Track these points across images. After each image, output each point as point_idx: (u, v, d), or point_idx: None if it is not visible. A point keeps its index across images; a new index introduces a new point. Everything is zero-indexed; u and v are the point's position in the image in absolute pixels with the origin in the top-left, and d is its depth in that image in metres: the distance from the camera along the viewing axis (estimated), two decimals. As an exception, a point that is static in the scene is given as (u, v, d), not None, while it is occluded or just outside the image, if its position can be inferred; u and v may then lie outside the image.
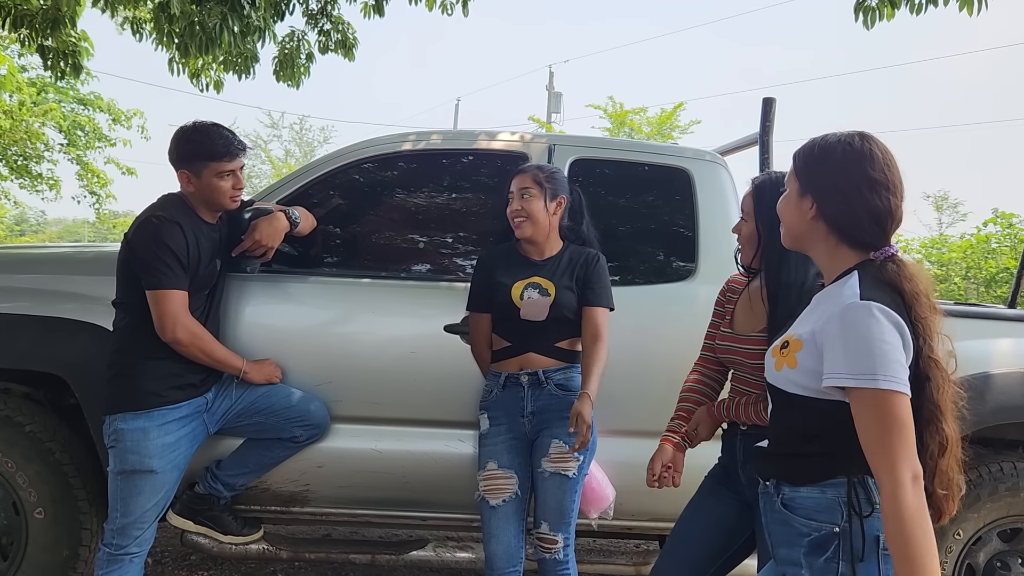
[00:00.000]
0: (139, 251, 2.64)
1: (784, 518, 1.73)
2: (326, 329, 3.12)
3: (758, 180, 2.38)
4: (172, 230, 2.63)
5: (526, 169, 2.88)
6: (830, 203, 1.69)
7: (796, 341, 1.69)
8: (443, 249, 3.32)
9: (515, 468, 2.77)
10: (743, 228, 2.37)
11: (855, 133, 1.72)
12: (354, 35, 7.31)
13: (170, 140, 2.77)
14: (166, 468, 2.68)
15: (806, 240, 1.77)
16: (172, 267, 2.61)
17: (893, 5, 5.31)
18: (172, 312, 2.62)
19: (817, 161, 1.72)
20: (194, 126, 2.77)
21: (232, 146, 2.74)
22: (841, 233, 1.71)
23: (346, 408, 3.05)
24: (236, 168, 2.76)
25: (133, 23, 7.26)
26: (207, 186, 2.73)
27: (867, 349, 1.53)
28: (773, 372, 1.75)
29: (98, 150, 15.86)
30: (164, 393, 2.68)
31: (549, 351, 2.82)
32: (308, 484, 3.06)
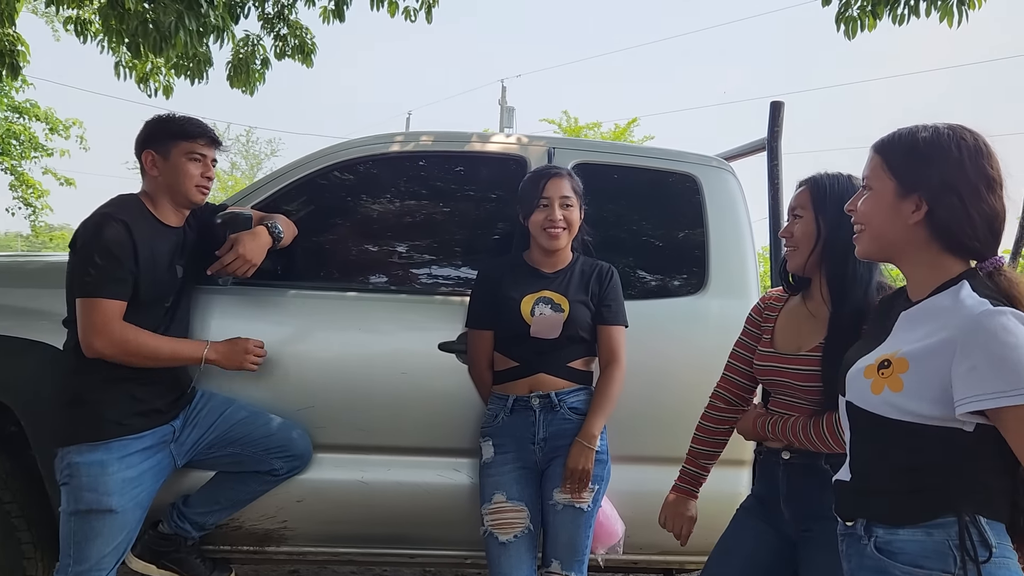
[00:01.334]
0: (76, 251, 2.35)
1: (880, 565, 1.49)
2: (308, 348, 2.82)
3: (812, 176, 2.17)
4: (116, 230, 2.32)
5: (561, 173, 2.64)
6: (943, 205, 1.47)
7: (901, 360, 1.46)
8: (437, 260, 3.05)
9: (525, 500, 2.51)
10: (796, 227, 2.14)
11: (956, 125, 1.51)
12: (312, 40, 7.05)
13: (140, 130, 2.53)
14: (127, 507, 2.36)
15: (899, 248, 1.55)
16: (109, 272, 2.30)
17: (875, 15, 5.27)
18: (99, 323, 2.29)
19: (925, 157, 1.50)
20: (170, 113, 2.55)
21: (208, 131, 2.53)
22: (948, 239, 1.49)
23: (329, 435, 2.76)
24: (208, 155, 2.52)
25: (77, 23, 6.86)
26: (174, 169, 2.47)
27: (1018, 360, 1.32)
28: (868, 396, 1.51)
29: (34, 160, 15.27)
30: (125, 421, 2.37)
31: (561, 372, 2.58)
32: (286, 520, 2.76)
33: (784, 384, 2.16)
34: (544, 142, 3.07)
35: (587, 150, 3.11)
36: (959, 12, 5.00)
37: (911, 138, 1.53)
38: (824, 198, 2.10)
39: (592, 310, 2.61)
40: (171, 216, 2.51)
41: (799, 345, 2.15)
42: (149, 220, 2.45)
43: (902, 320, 1.57)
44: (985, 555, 1.40)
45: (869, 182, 1.58)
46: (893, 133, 1.57)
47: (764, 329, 2.29)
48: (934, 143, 1.50)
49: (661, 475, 2.83)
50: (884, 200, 1.54)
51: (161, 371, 2.46)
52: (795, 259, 2.16)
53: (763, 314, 2.33)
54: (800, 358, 2.12)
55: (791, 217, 2.18)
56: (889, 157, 1.55)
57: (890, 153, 1.55)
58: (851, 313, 2.01)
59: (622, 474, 2.73)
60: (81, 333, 2.31)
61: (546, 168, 2.69)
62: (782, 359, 2.17)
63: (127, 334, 2.33)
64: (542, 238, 2.59)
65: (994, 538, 1.41)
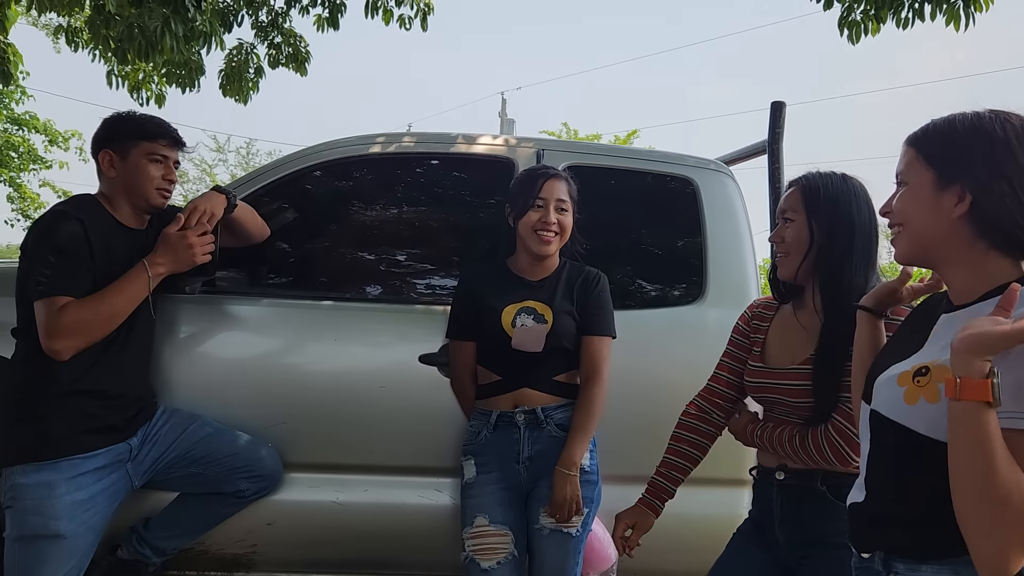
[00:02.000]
0: (28, 253, 2.20)
1: None
2: (280, 360, 2.67)
3: (804, 175, 2.01)
4: (70, 227, 2.18)
5: (558, 175, 2.49)
6: (989, 194, 1.29)
7: (942, 368, 1.27)
8: (418, 267, 2.89)
9: (509, 523, 2.34)
10: (788, 232, 1.98)
11: (997, 110, 1.34)
12: (307, 49, 6.96)
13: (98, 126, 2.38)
14: (77, 531, 2.19)
15: (941, 248, 1.37)
16: (63, 270, 2.15)
17: (879, 19, 5.13)
18: (57, 323, 2.13)
19: (965, 142, 1.33)
20: (130, 111, 2.42)
21: (170, 131, 2.39)
22: (996, 234, 1.30)
23: (302, 453, 2.61)
24: (171, 157, 2.38)
25: (68, 32, 6.78)
26: (133, 169, 2.32)
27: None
28: (899, 406, 1.33)
29: (33, 172, 15.25)
30: (75, 438, 2.20)
31: (547, 386, 2.42)
32: (255, 545, 2.60)
33: (777, 401, 2.00)
34: (533, 143, 2.92)
35: (578, 152, 2.96)
36: (966, 15, 4.87)
37: (948, 125, 1.36)
38: (817, 200, 1.94)
39: (576, 320, 2.44)
40: (130, 219, 2.37)
41: (791, 358, 1.99)
42: (105, 219, 2.31)
43: (943, 324, 1.38)
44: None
45: (904, 177, 1.41)
46: (927, 124, 1.40)
47: (754, 341, 2.13)
48: (975, 127, 1.33)
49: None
50: (922, 194, 1.36)
51: (122, 383, 2.30)
52: (786, 266, 1.99)
53: (751, 324, 2.17)
54: (792, 372, 1.96)
55: (781, 220, 2.02)
56: (925, 147, 1.38)
57: (926, 143, 1.38)
58: (844, 324, 1.84)
59: (616, 495, 2.54)
60: (42, 337, 2.14)
61: (543, 168, 2.53)
62: (773, 374, 2.01)
63: (75, 317, 2.14)
64: (532, 241, 2.43)
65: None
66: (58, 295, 2.14)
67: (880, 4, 5.07)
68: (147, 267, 2.27)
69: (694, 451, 2.22)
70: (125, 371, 2.30)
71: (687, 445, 2.22)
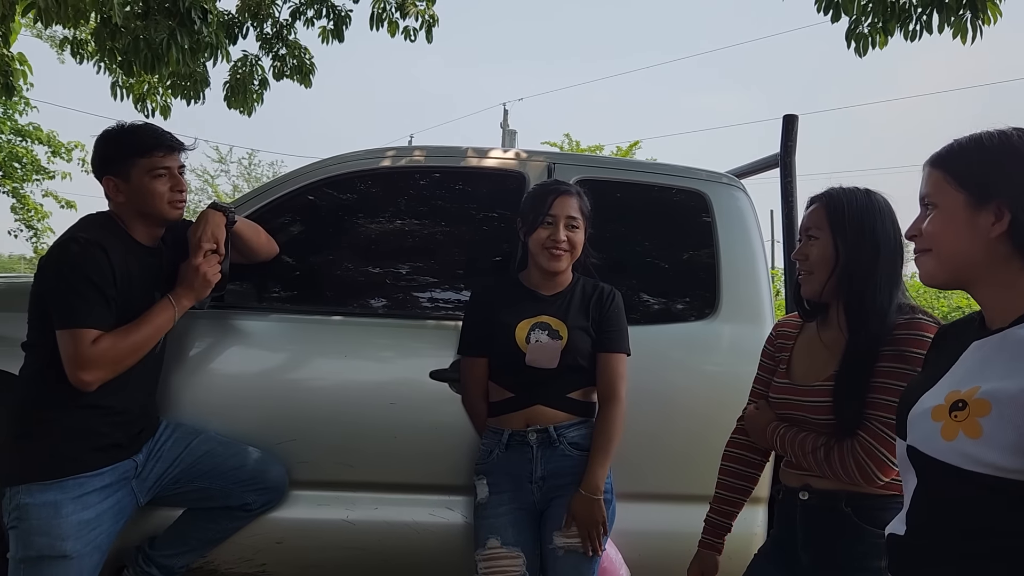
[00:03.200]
0: (52, 280, 2.14)
1: None
2: (290, 376, 2.63)
3: (827, 191, 1.98)
4: (94, 255, 2.13)
5: (571, 191, 2.46)
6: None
7: (980, 402, 1.23)
8: (430, 282, 2.86)
9: (522, 545, 2.30)
10: (812, 250, 1.94)
11: (1019, 127, 1.32)
12: (311, 60, 6.95)
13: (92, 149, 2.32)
14: (83, 551, 2.15)
15: (976, 269, 1.34)
16: (89, 300, 2.11)
17: (886, 32, 5.12)
18: (85, 355, 2.10)
19: (998, 162, 1.30)
20: (118, 126, 2.33)
21: (164, 138, 2.29)
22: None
23: (312, 471, 2.57)
24: (173, 166, 2.30)
25: (73, 44, 6.78)
26: (139, 191, 2.26)
27: None
28: (937, 442, 1.28)
29: (36, 183, 15.23)
30: (81, 457, 2.17)
31: (561, 403, 2.38)
32: (264, 564, 2.56)
33: (800, 419, 1.97)
34: (544, 157, 2.89)
35: (589, 166, 2.93)
36: (973, 28, 4.86)
37: (976, 144, 1.34)
38: (842, 217, 1.91)
39: (593, 337, 2.41)
40: (145, 235, 2.32)
41: (816, 375, 1.96)
42: (124, 241, 2.27)
43: (976, 351, 1.34)
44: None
45: (932, 199, 1.37)
46: (950, 144, 1.38)
47: (779, 359, 2.10)
48: (1005, 144, 1.31)
49: (668, 514, 2.67)
50: (956, 215, 1.33)
51: (128, 399, 2.27)
52: (811, 284, 1.96)
53: (776, 343, 2.14)
54: (816, 389, 1.93)
55: (805, 238, 1.99)
56: (953, 169, 1.35)
57: (953, 164, 1.35)
58: (868, 340, 1.83)
59: (626, 513, 2.51)
60: (68, 368, 2.11)
61: (554, 184, 2.50)
62: (797, 391, 1.98)
63: (106, 351, 2.12)
64: (542, 258, 2.40)
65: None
66: (88, 327, 2.11)
67: (888, 17, 5.05)
68: (173, 302, 2.27)
69: (743, 483, 2.17)
70: (131, 387, 2.26)
71: (735, 478, 2.17)
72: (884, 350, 1.83)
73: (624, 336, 2.46)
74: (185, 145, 2.36)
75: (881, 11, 5.05)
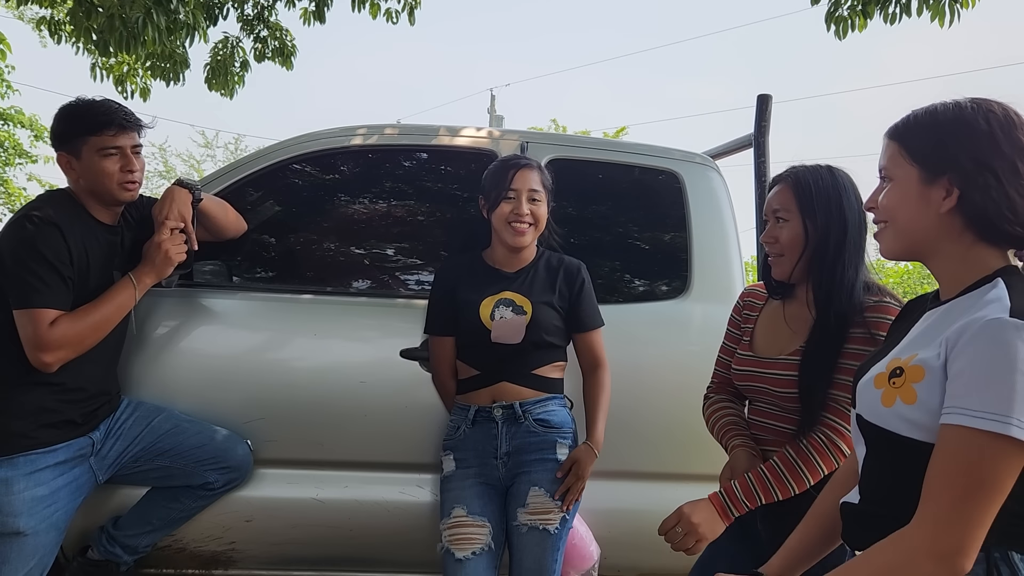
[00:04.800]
0: (7, 260, 2.11)
1: None
2: (258, 355, 2.61)
3: (792, 171, 1.97)
4: (49, 233, 2.10)
5: (531, 164, 2.44)
6: (977, 187, 1.26)
7: (915, 368, 1.25)
8: (400, 261, 2.84)
9: (488, 516, 2.30)
10: (782, 232, 1.94)
11: (979, 99, 1.31)
12: (292, 43, 6.92)
13: None
14: (38, 528, 2.14)
15: (929, 242, 1.34)
16: (46, 280, 2.09)
17: (866, 15, 5.13)
18: (44, 336, 2.08)
19: (949, 134, 1.30)
20: (75, 100, 2.27)
21: (116, 115, 2.23)
22: (984, 228, 1.28)
23: (282, 450, 2.56)
24: (125, 145, 2.24)
25: (51, 24, 6.70)
26: (89, 169, 2.22)
27: (1007, 383, 1.11)
28: (878, 409, 1.30)
29: (19, 167, 15.12)
30: (33, 433, 2.15)
31: (526, 380, 2.38)
32: (234, 542, 2.55)
33: (762, 391, 1.99)
34: (517, 136, 2.88)
35: (563, 145, 2.92)
36: (951, 11, 4.88)
37: (930, 117, 1.33)
38: (811, 198, 1.91)
39: (560, 312, 2.41)
40: (103, 213, 2.29)
41: (779, 349, 1.98)
42: (81, 217, 2.24)
43: (923, 321, 1.36)
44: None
45: (888, 172, 1.38)
46: (908, 116, 1.37)
47: (744, 330, 2.11)
48: (958, 118, 1.30)
49: (641, 492, 2.67)
50: (909, 189, 1.34)
51: (85, 376, 2.24)
52: (782, 267, 1.96)
53: (743, 313, 2.16)
54: (779, 362, 1.94)
55: (773, 220, 1.98)
56: (908, 141, 1.35)
57: (908, 137, 1.35)
58: (836, 318, 1.85)
59: (598, 491, 2.52)
60: (27, 349, 2.09)
61: (514, 158, 2.48)
62: (760, 363, 1.99)
63: (67, 331, 2.11)
64: (506, 233, 2.39)
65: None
66: (47, 308, 2.09)
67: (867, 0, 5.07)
68: (134, 281, 2.25)
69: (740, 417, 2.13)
70: (86, 365, 2.23)
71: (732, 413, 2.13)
72: (853, 332, 1.85)
73: (597, 311, 2.48)
74: (141, 123, 2.30)
75: (861, -7, 5.07)
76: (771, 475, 1.89)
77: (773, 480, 1.88)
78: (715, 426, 2.14)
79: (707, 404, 2.20)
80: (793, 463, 1.87)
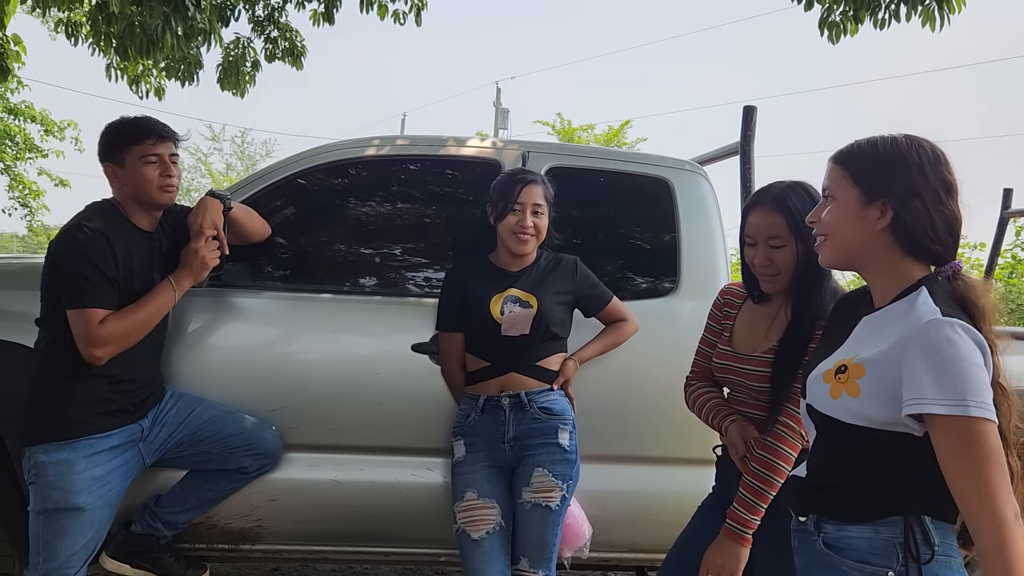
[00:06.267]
0: (60, 265, 2.36)
1: (828, 560, 1.54)
2: (282, 349, 2.85)
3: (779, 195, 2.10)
4: (96, 241, 2.35)
5: (536, 180, 2.66)
6: (907, 209, 1.50)
7: (857, 366, 1.50)
8: (410, 262, 3.07)
9: (496, 497, 2.55)
10: (778, 255, 2.08)
11: (912, 135, 1.56)
12: (302, 43, 7.09)
13: None
14: (95, 505, 2.38)
15: (864, 255, 1.58)
16: (95, 283, 2.33)
17: (857, 20, 5.31)
18: (94, 334, 2.32)
19: (887, 164, 1.54)
20: (120, 118, 2.53)
21: (155, 127, 2.49)
22: (911, 245, 1.53)
23: (303, 435, 2.79)
24: (163, 153, 2.49)
25: (68, 26, 6.89)
26: (132, 176, 2.46)
27: (955, 371, 1.35)
28: (826, 400, 1.55)
29: (29, 161, 15.28)
30: (91, 420, 2.39)
31: (532, 371, 2.62)
32: (260, 519, 2.79)
33: (739, 384, 2.21)
34: (518, 146, 3.10)
35: (561, 154, 3.14)
36: (940, 16, 5.05)
37: (871, 148, 1.57)
38: (800, 224, 2.02)
39: (563, 304, 2.66)
40: (144, 220, 2.53)
41: (755, 346, 2.19)
42: (125, 226, 2.47)
43: (863, 325, 1.60)
44: (928, 554, 1.45)
45: (831, 192, 1.60)
46: (851, 144, 1.61)
47: (724, 326, 2.32)
48: (894, 151, 1.54)
49: (631, 474, 2.90)
50: (849, 209, 1.56)
51: (135, 369, 2.48)
52: (777, 283, 2.13)
53: (723, 310, 2.36)
54: (755, 359, 2.16)
55: (766, 246, 2.10)
56: (850, 167, 1.58)
57: (851, 163, 1.58)
58: (809, 320, 2.06)
59: (592, 474, 2.75)
60: (80, 345, 2.33)
61: (521, 172, 2.71)
62: (738, 359, 2.21)
63: (114, 329, 2.35)
64: (511, 242, 2.62)
65: (937, 538, 1.46)
66: (96, 308, 2.32)
67: (858, 6, 5.24)
68: (173, 284, 2.48)
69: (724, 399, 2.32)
70: (135, 359, 2.47)
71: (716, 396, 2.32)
72: (816, 333, 2.05)
73: (602, 288, 2.76)
74: (178, 135, 2.55)
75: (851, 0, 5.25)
76: (757, 480, 2.09)
77: (760, 483, 2.09)
78: (703, 409, 2.32)
79: (691, 390, 2.40)
80: (767, 460, 2.08)
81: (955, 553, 1.50)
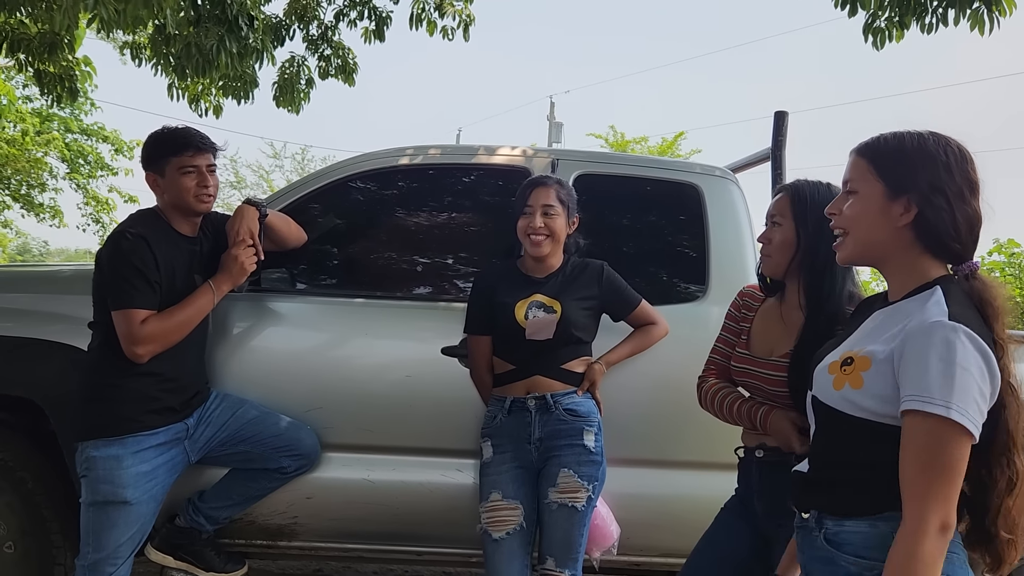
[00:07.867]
0: (105, 269, 2.51)
1: (828, 556, 1.54)
2: (318, 352, 2.96)
3: (793, 183, 2.21)
4: (137, 246, 2.48)
5: (547, 182, 2.72)
6: (931, 207, 1.50)
7: (863, 358, 1.50)
8: (441, 268, 3.16)
9: (520, 498, 2.60)
10: (775, 234, 2.18)
11: (938, 133, 1.55)
12: (354, 60, 7.27)
13: None
14: (141, 499, 2.50)
15: (884, 250, 1.58)
16: (136, 285, 2.46)
17: (903, 26, 5.22)
18: (137, 333, 2.45)
19: (914, 160, 1.53)
20: (161, 128, 2.66)
21: (194, 139, 2.60)
22: (931, 242, 1.53)
23: (337, 435, 2.88)
24: (201, 165, 2.60)
25: (132, 48, 7.20)
26: (172, 185, 2.59)
27: (947, 374, 1.35)
28: (829, 391, 1.56)
29: (100, 179, 15.99)
30: (140, 418, 2.51)
31: (557, 373, 2.67)
32: (296, 516, 2.88)
33: (757, 388, 2.22)
34: (548, 154, 3.16)
35: (590, 161, 3.19)
36: (990, 20, 4.94)
37: (898, 142, 1.56)
38: (805, 208, 2.13)
39: (588, 309, 2.70)
40: (185, 226, 2.66)
41: (771, 349, 2.20)
42: (166, 232, 2.61)
43: (874, 318, 1.60)
44: None
45: (853, 185, 1.60)
46: (877, 137, 1.60)
47: (742, 329, 2.34)
48: (921, 147, 1.53)
49: (657, 479, 2.91)
50: (872, 203, 1.56)
51: (180, 369, 2.61)
52: (769, 265, 2.20)
53: (741, 311, 2.38)
54: (772, 363, 2.17)
55: (769, 223, 2.22)
56: (876, 160, 1.57)
57: (877, 156, 1.57)
58: (825, 322, 2.05)
59: (621, 477, 2.78)
60: (123, 343, 2.46)
61: (536, 177, 2.78)
62: (755, 362, 2.22)
63: (156, 328, 2.47)
64: (525, 243, 2.68)
65: None
66: (138, 308, 2.45)
67: (904, 11, 5.15)
68: (212, 287, 2.60)
69: None
70: (180, 359, 2.60)
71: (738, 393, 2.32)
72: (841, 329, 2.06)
73: (630, 292, 2.78)
74: (216, 146, 2.67)
75: (897, 5, 5.17)
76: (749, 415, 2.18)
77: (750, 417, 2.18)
78: (723, 403, 2.29)
79: (708, 388, 2.37)
80: None
81: (958, 549, 1.48)
